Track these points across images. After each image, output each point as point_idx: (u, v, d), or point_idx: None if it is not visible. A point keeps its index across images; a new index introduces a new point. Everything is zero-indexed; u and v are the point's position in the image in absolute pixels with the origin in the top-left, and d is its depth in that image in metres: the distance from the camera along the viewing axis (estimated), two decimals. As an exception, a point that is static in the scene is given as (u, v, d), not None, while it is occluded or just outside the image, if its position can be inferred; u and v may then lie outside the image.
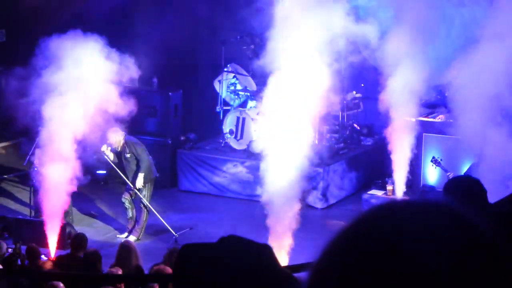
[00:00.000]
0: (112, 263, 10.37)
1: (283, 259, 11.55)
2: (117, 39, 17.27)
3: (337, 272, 1.49)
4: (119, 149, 13.83)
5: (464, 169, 13.53)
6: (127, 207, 13.94)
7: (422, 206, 1.55)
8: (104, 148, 13.72)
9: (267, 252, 2.33)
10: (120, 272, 9.63)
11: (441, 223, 1.50)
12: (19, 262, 10.40)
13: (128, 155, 13.84)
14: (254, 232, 12.03)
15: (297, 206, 12.40)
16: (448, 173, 13.29)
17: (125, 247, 10.52)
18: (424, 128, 14.60)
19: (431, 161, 13.71)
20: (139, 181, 13.77)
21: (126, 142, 13.82)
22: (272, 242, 11.69)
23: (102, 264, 10.10)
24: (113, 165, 13.90)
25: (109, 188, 16.14)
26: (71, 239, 11.43)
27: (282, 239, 11.85)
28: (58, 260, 11.14)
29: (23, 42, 16.92)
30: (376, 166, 16.10)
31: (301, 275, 6.18)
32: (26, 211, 14.19)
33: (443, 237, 1.47)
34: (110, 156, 13.79)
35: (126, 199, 13.95)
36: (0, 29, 17.55)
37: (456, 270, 1.44)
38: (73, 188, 12.76)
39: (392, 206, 1.56)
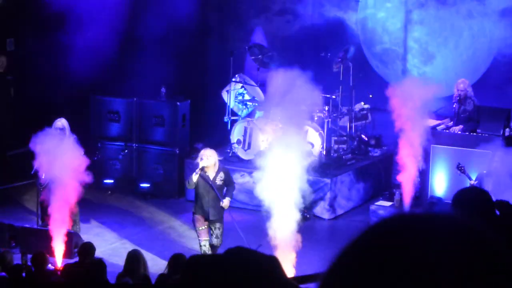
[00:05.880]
0: (120, 272, 10.36)
1: (290, 270, 11.53)
2: (125, 49, 17.33)
3: (346, 283, 1.49)
4: (207, 173, 12.31)
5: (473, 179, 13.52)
6: (205, 251, 12.27)
7: (433, 219, 1.55)
8: (203, 163, 12.23)
9: (273, 263, 2.33)
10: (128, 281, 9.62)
11: (453, 236, 1.50)
12: (23, 275, 10.37)
13: (220, 182, 12.32)
14: (262, 242, 12.03)
15: (303, 217, 12.45)
16: (471, 181, 13.23)
17: (134, 256, 10.50)
18: (432, 139, 14.58)
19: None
20: (227, 202, 12.33)
21: (222, 169, 12.45)
22: (279, 253, 11.69)
23: (107, 273, 10.08)
24: (213, 186, 12.23)
25: (116, 197, 16.15)
26: (79, 248, 11.42)
27: (289, 250, 11.84)
28: (65, 268, 11.13)
29: (31, 51, 16.98)
30: (383, 177, 16.09)
31: (308, 286, 6.16)
32: (33, 219, 14.19)
33: (454, 249, 1.47)
34: (195, 179, 12.29)
35: (206, 240, 12.36)
36: (9, 38, 17.59)
37: (465, 282, 1.44)
38: (80, 196, 12.75)
39: (402, 219, 1.56)
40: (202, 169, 12.21)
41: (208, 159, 12.20)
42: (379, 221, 1.56)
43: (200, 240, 12.39)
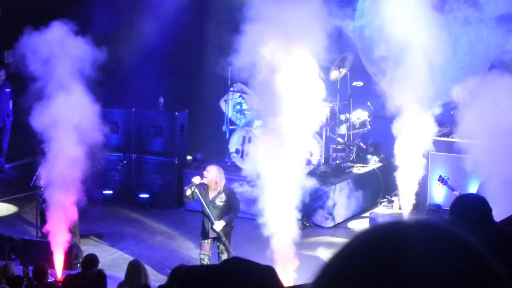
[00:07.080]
0: (121, 282, 10.36)
1: (289, 279, 11.51)
2: (123, 59, 17.34)
3: None
4: (209, 191, 12.12)
5: (470, 188, 13.51)
6: (206, 264, 11.97)
7: (423, 228, 1.56)
8: (196, 180, 12.05)
9: (270, 274, 2.34)
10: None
11: (443, 247, 1.50)
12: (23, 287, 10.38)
13: (220, 204, 12.05)
14: (260, 252, 12.01)
15: (301, 226, 12.44)
16: (455, 192, 13.26)
17: (135, 266, 10.50)
18: (431, 147, 14.56)
19: (438, 179, 13.68)
20: (220, 225, 11.95)
21: (225, 190, 12.13)
22: (277, 262, 11.67)
23: (106, 284, 10.07)
24: (204, 204, 12.04)
25: (115, 208, 16.14)
26: (83, 259, 11.41)
27: (288, 259, 11.83)
28: (67, 280, 11.12)
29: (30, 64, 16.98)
30: (382, 185, 16.09)
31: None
32: (33, 231, 14.19)
33: (443, 261, 1.48)
34: (187, 192, 12.17)
35: (205, 254, 12.12)
36: (7, 51, 17.61)
37: None
38: (79, 208, 12.76)
39: (392, 227, 1.57)
40: (196, 184, 12.07)
41: (206, 176, 12.05)
42: (370, 229, 1.58)
43: (200, 253, 12.34)
